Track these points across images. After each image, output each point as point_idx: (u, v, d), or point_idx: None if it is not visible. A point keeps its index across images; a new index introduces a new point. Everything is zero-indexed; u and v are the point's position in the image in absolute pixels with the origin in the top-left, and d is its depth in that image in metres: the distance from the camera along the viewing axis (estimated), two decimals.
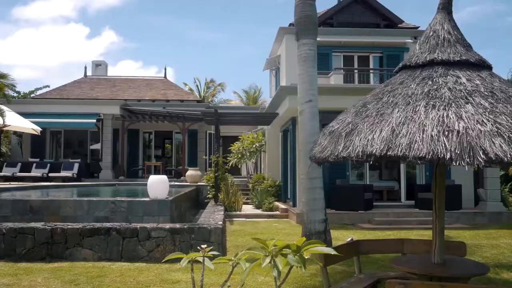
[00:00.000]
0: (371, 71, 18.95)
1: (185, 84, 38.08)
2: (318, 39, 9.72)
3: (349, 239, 6.14)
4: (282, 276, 2.41)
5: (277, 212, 14.92)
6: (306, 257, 2.45)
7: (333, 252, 2.61)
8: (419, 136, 3.88)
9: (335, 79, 16.79)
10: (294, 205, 14.79)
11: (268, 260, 2.38)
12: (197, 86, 40.49)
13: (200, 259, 2.65)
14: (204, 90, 40.76)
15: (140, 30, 69.90)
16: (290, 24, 18.44)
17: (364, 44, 18.67)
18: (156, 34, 70.71)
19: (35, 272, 6.68)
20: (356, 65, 19.03)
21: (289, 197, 16.36)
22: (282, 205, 15.51)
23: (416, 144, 3.84)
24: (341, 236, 10.26)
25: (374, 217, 12.97)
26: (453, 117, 3.93)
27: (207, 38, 68.45)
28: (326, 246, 2.57)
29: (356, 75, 18.50)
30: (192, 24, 68.83)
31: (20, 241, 7.59)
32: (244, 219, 13.97)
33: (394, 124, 4.10)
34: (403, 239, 5.91)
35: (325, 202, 9.32)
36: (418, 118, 4.05)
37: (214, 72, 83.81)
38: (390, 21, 19.27)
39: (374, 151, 4.01)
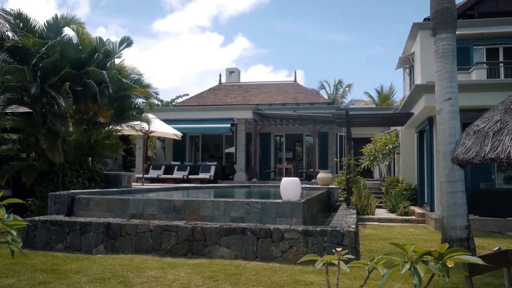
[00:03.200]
0: None
1: (314, 89, 38.16)
2: (456, 32, 9.08)
3: (496, 248, 5.59)
4: (423, 285, 2.27)
5: (413, 217, 14.22)
6: (449, 266, 2.29)
7: (480, 261, 2.40)
8: None
9: (477, 74, 15.52)
10: (432, 209, 13.97)
11: (407, 266, 2.27)
12: (326, 87, 40.44)
13: (335, 262, 2.62)
14: (333, 92, 40.54)
15: (270, 35, 71.85)
16: (425, 19, 17.52)
17: (511, 35, 16.99)
18: (285, 38, 72.16)
19: (178, 267, 7.17)
20: (501, 58, 17.38)
21: (425, 201, 15.49)
22: (418, 210, 14.74)
23: None
24: (486, 245, 9.43)
25: None
26: None
27: (335, 40, 68.02)
28: (470, 255, 2.37)
29: (501, 69, 16.89)
30: (320, 26, 68.89)
31: (165, 238, 8.23)
32: (377, 223, 13.54)
33: None
34: None
35: (467, 207, 8.64)
36: None
37: (343, 73, 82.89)
38: None
39: None
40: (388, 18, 67.67)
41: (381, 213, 15.27)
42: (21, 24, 12.61)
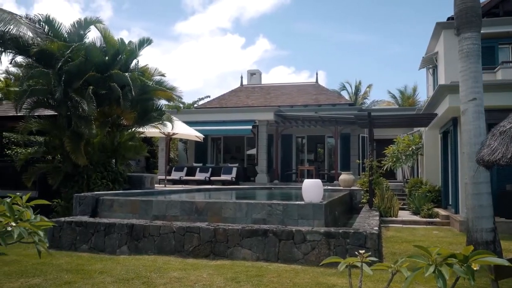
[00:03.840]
0: None
1: (335, 90, 37.92)
2: (481, 31, 8.92)
3: None
4: None
5: (437, 219, 14.00)
6: (474, 269, 2.25)
7: (506, 263, 2.36)
8: None
9: (503, 73, 15.22)
10: (457, 211, 13.74)
11: (432, 269, 2.24)
12: (347, 88, 40.18)
13: (358, 264, 2.60)
14: (354, 93, 40.24)
15: (291, 36, 71.76)
16: (448, 18, 17.27)
17: None
18: (306, 39, 71.94)
19: (201, 268, 7.21)
20: None
21: (450, 203, 15.25)
22: (442, 212, 14.51)
23: None
24: None
25: None
26: None
27: (356, 40, 67.54)
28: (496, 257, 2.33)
29: None
30: (341, 27, 68.52)
31: (188, 239, 8.28)
32: (401, 225, 13.37)
33: None
34: None
35: (493, 209, 8.47)
36: None
37: (364, 74, 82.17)
38: None
39: None
40: (409, 18, 66.95)
41: (405, 215, 15.08)
42: (46, 28, 12.82)
